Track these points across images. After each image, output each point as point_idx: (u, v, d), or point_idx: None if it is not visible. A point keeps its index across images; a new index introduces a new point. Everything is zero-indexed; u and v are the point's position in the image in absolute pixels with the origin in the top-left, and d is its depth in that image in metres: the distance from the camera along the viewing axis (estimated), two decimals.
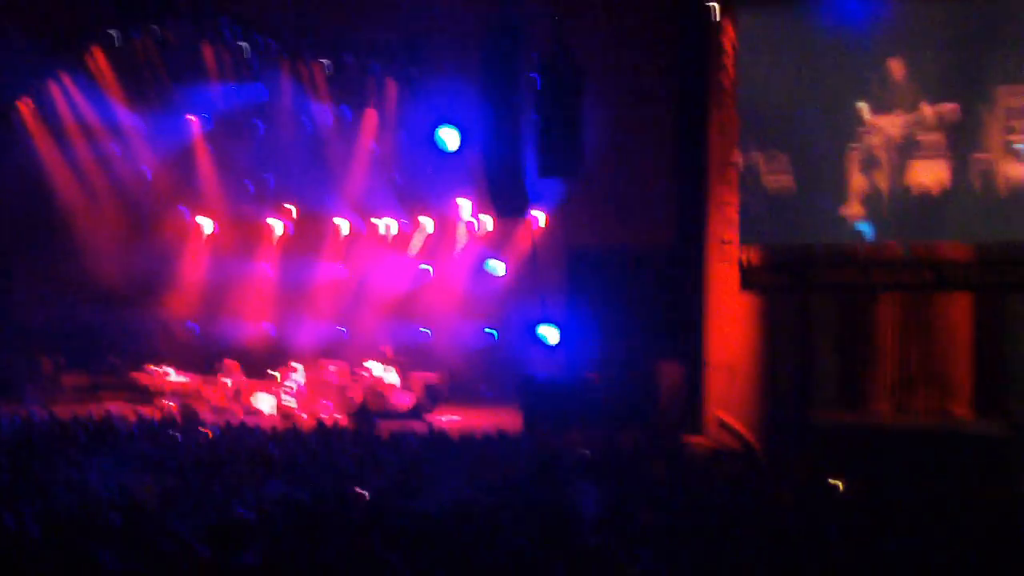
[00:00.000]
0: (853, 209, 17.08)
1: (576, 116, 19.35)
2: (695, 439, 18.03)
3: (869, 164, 16.95)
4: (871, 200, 16.98)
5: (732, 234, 17.70)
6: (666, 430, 18.08)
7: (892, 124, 16.81)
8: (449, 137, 22.80)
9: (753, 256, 17.72)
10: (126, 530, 9.24)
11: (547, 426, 18.36)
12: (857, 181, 17.04)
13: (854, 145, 17.02)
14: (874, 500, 11.98)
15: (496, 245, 24.02)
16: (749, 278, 17.72)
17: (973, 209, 16.41)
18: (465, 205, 24.06)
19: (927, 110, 16.61)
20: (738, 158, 17.65)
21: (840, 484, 12.42)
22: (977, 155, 16.32)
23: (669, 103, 21.35)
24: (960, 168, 16.44)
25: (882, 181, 16.90)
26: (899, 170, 16.81)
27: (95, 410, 18.33)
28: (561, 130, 19.24)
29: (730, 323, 18.82)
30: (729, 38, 17.88)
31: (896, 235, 16.93)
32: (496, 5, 19.16)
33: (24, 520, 9.12)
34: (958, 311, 16.82)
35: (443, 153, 23.15)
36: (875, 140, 16.91)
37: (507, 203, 20.31)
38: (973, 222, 16.45)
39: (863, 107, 16.96)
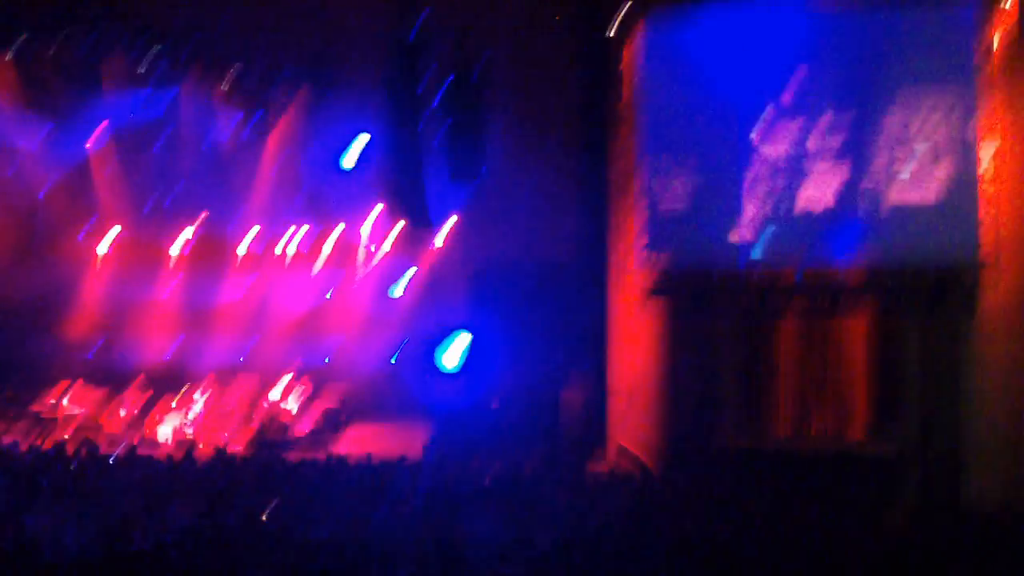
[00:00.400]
0: (748, 229, 17.27)
1: (478, 128, 19.40)
2: (598, 464, 18.05)
3: (763, 186, 17.17)
4: (766, 220, 17.19)
5: (634, 255, 17.81)
6: (569, 455, 18.08)
7: (785, 149, 17.05)
8: (354, 150, 22.75)
9: (654, 278, 17.84)
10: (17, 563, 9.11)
11: (450, 452, 18.29)
12: (750, 204, 17.24)
13: (749, 167, 17.22)
14: (775, 523, 12.14)
15: (404, 260, 23.88)
16: (650, 301, 17.84)
17: (862, 231, 16.69)
18: (373, 218, 23.88)
19: (818, 138, 16.88)
20: (639, 176, 17.78)
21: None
22: (865, 180, 16.61)
23: (573, 118, 21.41)
24: (848, 193, 16.71)
25: (776, 203, 17.12)
26: (791, 193, 17.03)
27: None
28: (463, 141, 19.28)
29: (632, 347, 18.88)
30: (631, 54, 18.02)
31: (790, 254, 17.11)
32: (400, 20, 19.14)
33: None
34: (853, 334, 17.02)
35: (350, 166, 23.06)
36: (768, 166, 17.14)
37: (411, 214, 20.28)
38: (863, 244, 16.72)
39: (756, 133, 17.19)
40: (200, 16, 21.86)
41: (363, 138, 22.56)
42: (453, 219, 22.63)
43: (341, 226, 24.13)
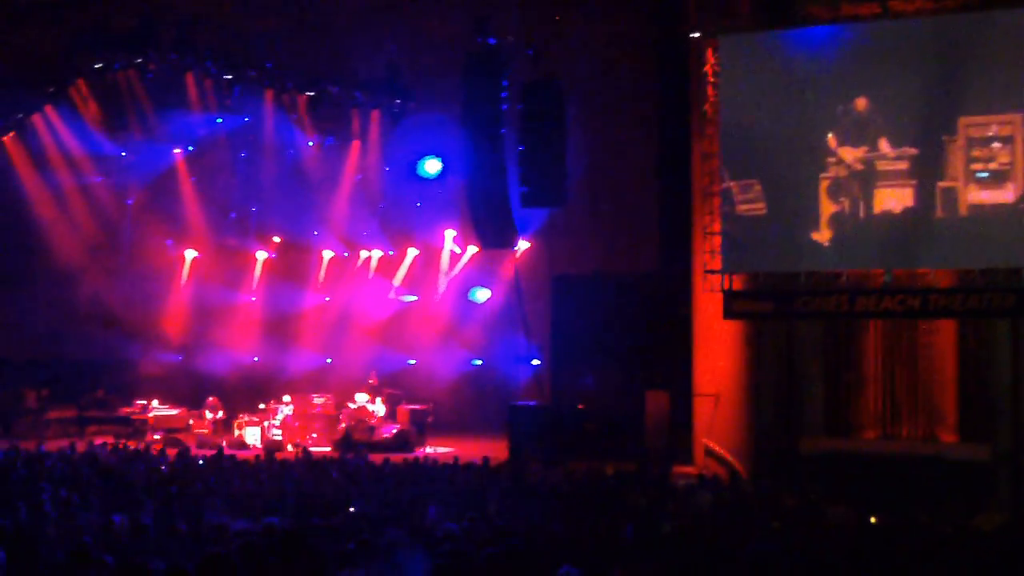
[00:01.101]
0: (825, 235, 17.12)
1: (559, 145, 19.39)
2: (682, 467, 17.97)
3: (839, 191, 17.00)
4: (842, 226, 17.02)
5: (715, 262, 17.71)
6: (653, 458, 18.01)
7: (860, 154, 16.88)
8: (432, 167, 22.92)
9: (736, 284, 17.73)
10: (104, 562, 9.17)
11: (533, 455, 18.29)
12: (828, 208, 17.09)
13: (825, 174, 17.07)
14: (862, 526, 12.00)
15: (481, 273, 24.03)
16: (733, 306, 17.71)
17: (940, 233, 16.49)
18: (449, 235, 24.07)
19: (894, 142, 16.70)
20: (722, 180, 17.68)
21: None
22: (942, 182, 16.40)
23: (652, 131, 21.40)
24: (926, 195, 16.51)
25: (852, 208, 16.96)
26: (868, 197, 16.86)
27: (80, 444, 18.16)
28: (544, 159, 19.27)
29: (715, 351, 18.78)
30: (710, 67, 17.93)
31: (867, 260, 16.94)
32: (477, 38, 19.21)
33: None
34: (942, 338, 16.87)
35: (427, 183, 23.24)
36: (844, 169, 16.98)
37: (491, 233, 20.29)
38: (940, 246, 16.51)
39: (832, 137, 17.03)
40: (277, 36, 22.21)
41: (435, 161, 22.86)
42: (532, 237, 22.74)
43: (417, 251, 24.40)
